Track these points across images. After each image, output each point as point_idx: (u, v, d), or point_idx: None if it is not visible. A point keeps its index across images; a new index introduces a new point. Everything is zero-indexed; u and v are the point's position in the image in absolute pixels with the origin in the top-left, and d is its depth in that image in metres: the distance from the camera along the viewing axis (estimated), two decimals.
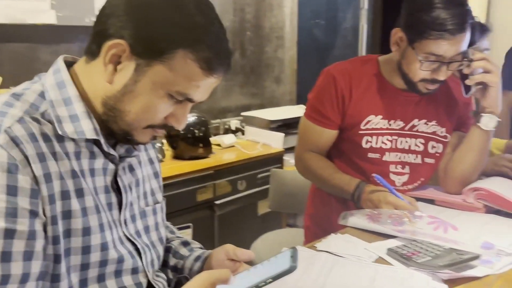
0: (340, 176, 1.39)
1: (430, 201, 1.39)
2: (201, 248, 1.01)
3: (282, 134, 2.59)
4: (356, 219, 1.22)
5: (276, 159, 2.56)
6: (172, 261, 0.97)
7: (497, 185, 1.30)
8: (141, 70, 0.71)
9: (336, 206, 1.45)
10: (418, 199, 1.39)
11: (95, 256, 0.76)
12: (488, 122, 1.34)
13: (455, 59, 1.24)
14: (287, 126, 2.67)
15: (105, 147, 0.77)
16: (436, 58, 1.23)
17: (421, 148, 1.41)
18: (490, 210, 1.29)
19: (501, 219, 1.23)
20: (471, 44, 1.28)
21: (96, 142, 0.77)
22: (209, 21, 0.72)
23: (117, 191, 0.81)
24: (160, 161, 1.11)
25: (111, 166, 0.80)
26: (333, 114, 1.40)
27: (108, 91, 0.74)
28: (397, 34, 1.31)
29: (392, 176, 1.41)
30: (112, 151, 0.78)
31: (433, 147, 1.42)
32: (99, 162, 0.78)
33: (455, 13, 1.19)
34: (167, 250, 0.98)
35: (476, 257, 0.99)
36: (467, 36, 1.23)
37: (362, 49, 3.71)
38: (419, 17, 1.22)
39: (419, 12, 1.22)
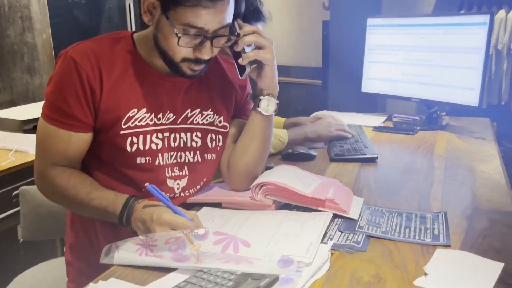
0: (102, 194, 1.05)
1: (218, 205, 1.17)
2: None
3: None
4: (124, 252, 0.90)
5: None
6: None
7: (283, 177, 1.15)
8: None
9: (103, 233, 1.11)
10: (203, 204, 1.16)
11: None
12: (267, 106, 1.17)
13: (219, 33, 1.02)
14: None
15: None
16: (197, 32, 1.00)
17: (199, 143, 1.17)
18: (279, 205, 1.14)
19: (293, 214, 1.08)
20: (238, 16, 1.08)
21: None
22: None
23: None
24: None
25: None
26: (81, 112, 1.04)
27: None
28: None
29: (170, 182, 1.14)
30: None
31: (212, 140, 1.20)
32: None
33: None
34: None
35: (275, 279, 0.79)
36: (230, 5, 1.01)
37: (132, 29, 3.37)
38: None
39: None
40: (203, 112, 1.18)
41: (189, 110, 1.16)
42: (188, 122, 1.16)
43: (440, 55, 1.85)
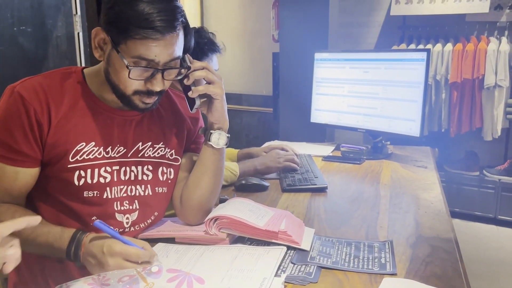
0: (48, 229, 1.02)
1: (171, 240, 1.17)
2: None
3: None
4: None
5: None
6: None
7: (237, 210, 1.17)
8: None
9: (50, 270, 1.08)
10: (157, 240, 1.15)
11: None
12: (218, 139, 1.20)
13: (170, 65, 1.05)
14: None
15: None
16: (147, 64, 1.02)
17: (150, 176, 1.18)
18: (233, 238, 1.15)
19: (247, 249, 1.09)
20: (188, 50, 1.11)
21: None
22: None
23: None
24: None
25: None
26: (28, 147, 1.03)
27: None
28: (98, 35, 1.04)
29: (119, 217, 1.13)
30: None
31: (163, 173, 1.20)
32: None
33: (163, 7, 0.99)
34: None
35: None
36: (180, 38, 1.04)
37: (82, 59, 3.33)
38: (121, 12, 0.98)
39: (121, 6, 0.98)
40: (155, 145, 1.19)
41: (140, 143, 1.17)
42: (139, 155, 1.16)
43: (383, 88, 1.96)
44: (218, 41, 1.73)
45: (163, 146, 1.21)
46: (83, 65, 3.34)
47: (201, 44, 1.67)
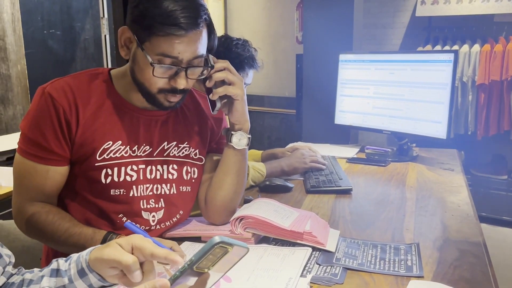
0: (80, 230, 1.05)
1: (197, 239, 1.18)
2: None
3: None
4: None
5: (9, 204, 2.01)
6: None
7: (262, 210, 1.17)
8: None
9: None
10: (183, 238, 1.17)
11: None
12: (239, 140, 1.21)
13: (194, 63, 1.06)
14: None
15: None
16: (171, 61, 1.03)
17: (175, 175, 1.19)
18: (258, 238, 1.16)
19: (273, 249, 1.10)
20: (211, 49, 1.12)
21: None
22: None
23: None
24: None
25: None
26: (58, 146, 1.06)
27: None
28: (124, 34, 1.07)
29: (145, 215, 1.15)
30: None
31: (187, 172, 1.22)
32: None
33: (186, 5, 1.00)
34: None
35: None
36: (203, 36, 1.05)
37: (108, 61, 3.39)
38: (145, 10, 1.00)
39: (145, 4, 1.00)
40: (179, 145, 1.20)
41: (165, 143, 1.18)
42: (165, 154, 1.18)
43: (409, 89, 1.94)
44: (259, 58, 1.75)
45: (188, 146, 1.22)
46: (110, 67, 3.41)
47: (242, 57, 1.69)
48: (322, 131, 2.63)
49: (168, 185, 1.18)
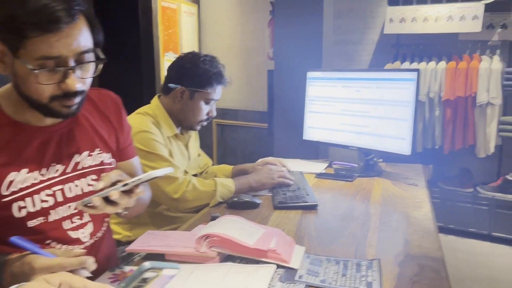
0: None
1: (161, 256, 1.18)
2: None
3: None
4: None
5: None
6: None
7: (227, 228, 1.19)
8: None
9: None
10: (147, 257, 1.17)
11: None
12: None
13: (82, 60, 0.96)
14: None
15: None
16: (55, 63, 0.93)
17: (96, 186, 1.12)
18: (223, 256, 1.17)
19: (237, 267, 1.11)
20: (99, 44, 1.02)
21: None
22: None
23: None
24: None
25: None
26: None
27: None
28: None
29: (73, 234, 1.09)
30: None
31: None
32: None
33: None
34: None
35: None
36: (83, 28, 0.95)
37: None
38: (11, 12, 0.89)
39: (10, 5, 0.90)
40: (91, 153, 1.14)
41: (76, 156, 1.11)
42: (79, 167, 1.11)
43: (374, 107, 1.99)
44: (227, 74, 1.78)
45: (100, 151, 1.17)
46: None
47: (210, 73, 1.72)
48: (293, 146, 2.66)
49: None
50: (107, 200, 0.92)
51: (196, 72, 1.71)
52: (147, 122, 1.67)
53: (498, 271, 3.03)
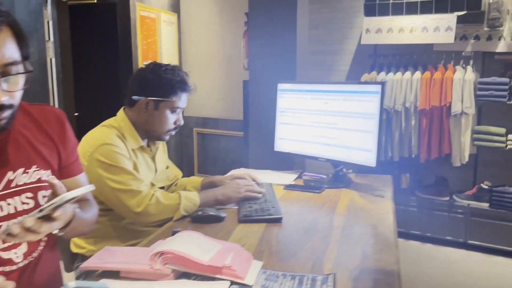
0: None
1: (115, 274, 1.17)
2: None
3: None
4: None
5: None
6: None
7: (183, 244, 1.18)
8: None
9: None
10: (101, 274, 1.15)
11: None
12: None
13: (7, 72, 0.93)
14: None
15: None
16: None
17: (32, 203, 1.09)
18: (178, 273, 1.16)
19: (191, 284, 1.10)
20: (27, 57, 0.99)
21: None
22: None
23: None
24: None
25: None
26: None
27: None
28: None
29: (5, 255, 1.05)
30: None
31: (44, 196, 1.11)
32: None
33: None
34: None
35: None
36: (7, 39, 0.92)
37: (54, 84, 3.34)
38: None
39: None
40: (27, 171, 1.10)
41: (10, 173, 1.07)
42: (12, 185, 1.07)
43: (342, 119, 2.00)
44: (191, 81, 1.77)
45: (38, 168, 1.12)
46: (56, 90, 3.36)
47: (173, 82, 1.71)
48: (267, 156, 2.66)
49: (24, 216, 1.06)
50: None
51: (159, 82, 1.71)
52: (110, 134, 1.66)
53: (474, 277, 3.06)
